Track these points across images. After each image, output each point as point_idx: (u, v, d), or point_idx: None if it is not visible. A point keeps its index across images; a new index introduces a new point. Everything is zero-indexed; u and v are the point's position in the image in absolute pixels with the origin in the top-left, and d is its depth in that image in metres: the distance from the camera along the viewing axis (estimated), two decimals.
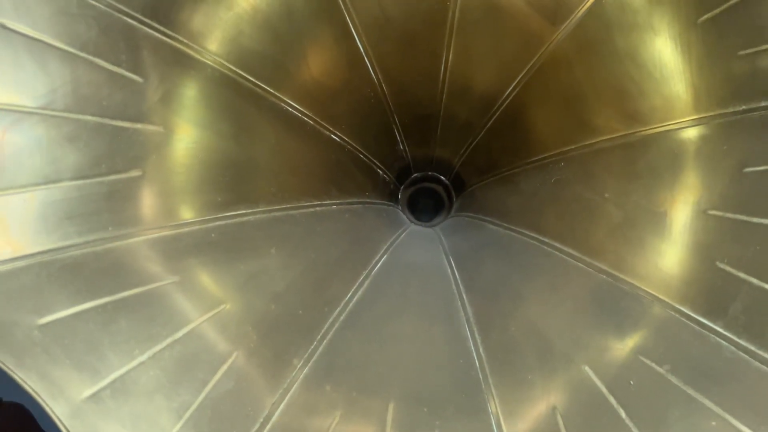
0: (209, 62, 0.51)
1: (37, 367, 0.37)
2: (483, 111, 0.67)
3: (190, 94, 0.49)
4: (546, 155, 0.61)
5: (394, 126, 0.71)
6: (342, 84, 0.62)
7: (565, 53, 0.56)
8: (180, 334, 0.43)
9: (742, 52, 0.44)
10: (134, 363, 0.40)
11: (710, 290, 0.43)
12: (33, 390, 0.36)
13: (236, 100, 0.53)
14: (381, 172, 0.76)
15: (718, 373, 0.40)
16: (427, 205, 0.84)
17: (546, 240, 0.56)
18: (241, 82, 0.53)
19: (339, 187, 0.66)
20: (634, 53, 0.50)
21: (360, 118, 0.67)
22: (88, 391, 0.38)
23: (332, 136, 0.64)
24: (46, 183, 0.42)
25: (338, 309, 0.53)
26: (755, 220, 0.42)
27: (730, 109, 0.45)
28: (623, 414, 0.41)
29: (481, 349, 0.50)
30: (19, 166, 0.41)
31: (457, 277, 0.59)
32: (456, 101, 0.69)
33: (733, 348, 0.40)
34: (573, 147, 0.58)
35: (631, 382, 0.42)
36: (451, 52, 0.63)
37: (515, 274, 0.56)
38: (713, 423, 0.38)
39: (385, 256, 0.63)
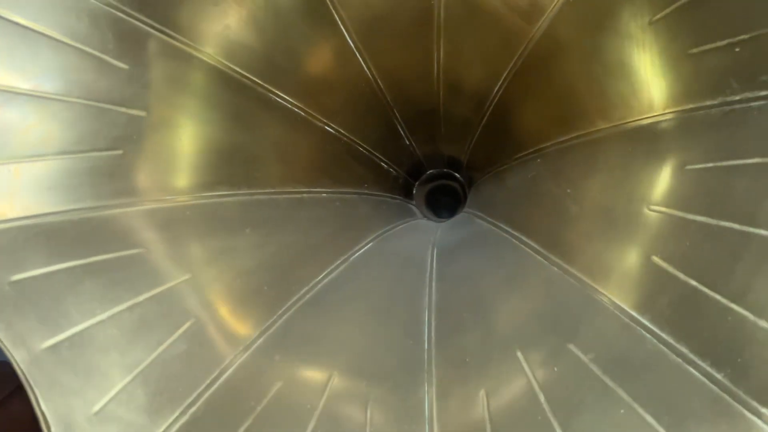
0: (195, 53, 0.55)
1: (4, 318, 0.42)
2: (477, 108, 0.69)
3: (174, 82, 0.53)
4: (527, 152, 0.63)
5: (395, 121, 0.74)
6: (335, 78, 0.65)
7: (542, 52, 0.57)
8: (141, 298, 0.47)
9: (691, 51, 0.45)
10: (94, 321, 0.44)
11: (643, 284, 0.44)
12: None
13: (221, 89, 0.56)
14: (385, 166, 0.79)
15: (637, 365, 0.41)
16: (447, 203, 0.86)
17: (516, 233, 0.57)
18: (227, 72, 0.57)
19: (331, 177, 0.69)
20: (599, 53, 0.51)
21: (357, 112, 0.70)
22: (48, 343, 0.42)
23: (326, 127, 0.67)
24: (31, 156, 0.47)
25: (305, 288, 0.56)
26: (690, 216, 0.42)
27: (679, 108, 0.46)
28: (542, 398, 0.42)
29: (432, 333, 0.52)
30: (6, 141, 0.46)
31: (434, 266, 0.61)
32: (453, 98, 0.71)
33: (655, 341, 0.41)
34: (548, 144, 0.59)
35: (555, 369, 0.43)
36: (442, 50, 0.65)
37: (482, 266, 0.58)
38: (622, 411, 0.39)
39: (370, 244, 0.66)
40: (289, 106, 0.63)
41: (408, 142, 0.80)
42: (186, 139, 0.54)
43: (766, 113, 0.41)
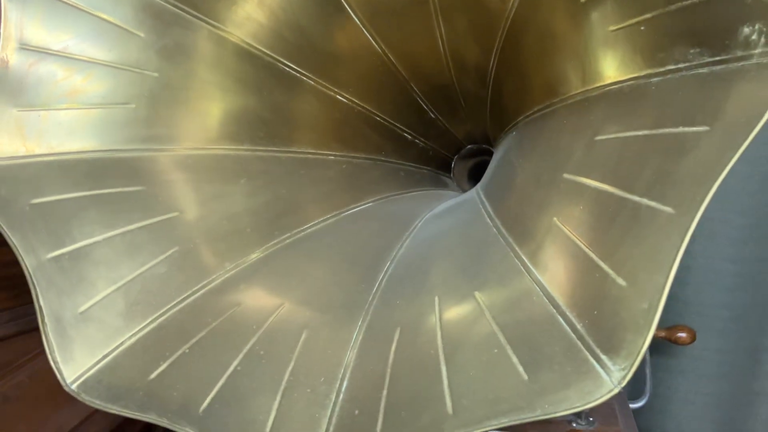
0: (205, 26, 0.64)
1: (22, 231, 0.53)
2: (482, 83, 0.73)
3: (184, 49, 0.63)
4: (509, 126, 0.67)
5: (414, 94, 0.80)
6: (344, 52, 0.72)
7: (515, 30, 0.61)
8: (133, 227, 0.57)
9: (611, 29, 0.48)
10: (91, 240, 0.55)
11: (546, 245, 0.48)
12: (15, 245, 0.52)
13: (229, 57, 0.65)
14: (410, 137, 0.85)
15: (520, 313, 0.46)
16: None
17: (485, 201, 0.62)
18: (237, 43, 0.66)
19: (342, 142, 0.76)
20: (550, 31, 0.55)
21: (371, 84, 0.77)
22: (52, 254, 0.53)
23: (337, 96, 0.74)
24: (57, 106, 0.58)
25: (287, 234, 0.64)
26: (586, 182, 0.46)
27: (600, 84, 0.49)
28: (439, 336, 0.47)
29: (384, 281, 0.58)
30: (38, 91, 0.57)
31: (416, 228, 0.67)
32: (462, 74, 0.76)
33: (542, 295, 0.45)
34: (520, 118, 0.63)
35: (458, 312, 0.49)
36: (443, 28, 0.70)
37: (448, 228, 0.63)
38: (495, 351, 0.44)
39: (368, 205, 0.73)
40: (297, 75, 0.70)
41: (434, 116, 0.85)
42: (193, 99, 0.64)
43: (662, 89, 0.44)
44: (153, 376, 0.50)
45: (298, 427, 0.47)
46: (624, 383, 0.38)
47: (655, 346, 1.06)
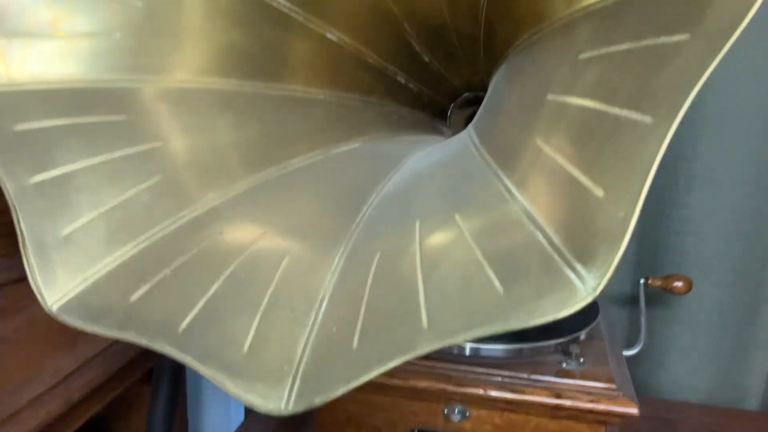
0: None
1: (5, 156, 0.53)
2: (475, 21, 0.72)
3: None
4: (503, 57, 0.66)
5: (408, 36, 0.79)
6: None
7: None
8: (116, 155, 0.56)
9: None
10: (74, 167, 0.55)
11: (526, 164, 0.47)
12: None
13: None
14: (403, 80, 0.84)
15: (499, 233, 0.45)
16: None
17: (473, 134, 0.62)
18: None
19: (332, 81, 0.75)
20: None
21: (363, 23, 0.76)
22: (35, 179, 0.53)
23: (327, 34, 0.73)
24: (40, 34, 0.57)
25: (273, 168, 0.63)
26: (568, 100, 0.45)
27: (584, 3, 0.48)
28: (418, 257, 0.47)
29: (368, 212, 0.58)
30: (21, 20, 0.57)
31: (404, 164, 0.67)
32: (457, 14, 0.74)
33: (522, 215, 0.45)
34: (510, 49, 0.62)
35: (437, 233, 0.48)
36: None
37: (435, 162, 0.62)
38: (473, 268, 0.44)
39: (356, 144, 0.73)
40: (287, 11, 0.69)
41: (428, 59, 0.84)
42: (179, 31, 0.63)
43: (644, 1, 0.43)
44: (133, 298, 0.50)
45: (277, 345, 0.47)
46: (598, 291, 0.38)
47: (653, 298, 1.05)
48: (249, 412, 1.16)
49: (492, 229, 0.46)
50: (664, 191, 1.01)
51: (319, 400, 0.43)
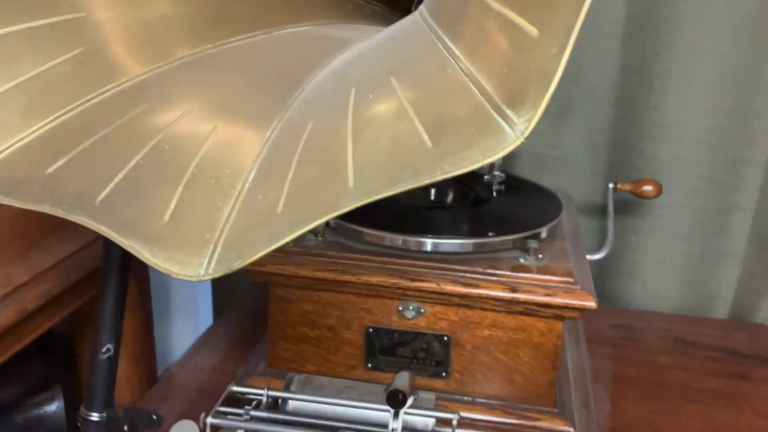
0: None
1: None
2: None
3: None
4: None
5: None
6: None
7: None
8: (35, 24, 0.52)
9: None
10: None
11: (464, 22, 0.44)
12: None
13: None
14: None
15: (433, 86, 0.42)
16: None
17: (421, 7, 0.58)
18: None
19: None
20: None
21: None
22: None
23: None
24: None
25: (209, 45, 0.59)
26: None
27: None
28: (349, 123, 0.44)
29: (308, 86, 0.55)
30: None
31: (350, 45, 0.63)
32: None
33: (456, 67, 0.42)
34: None
35: (370, 96, 0.45)
36: None
37: (381, 37, 0.58)
38: (401, 124, 0.41)
39: (305, 27, 0.68)
40: None
41: None
42: None
43: None
44: (50, 170, 0.47)
45: (199, 214, 0.45)
46: (527, 133, 0.35)
47: (623, 207, 1.03)
48: (217, 315, 1.15)
49: (426, 85, 0.43)
50: (637, 93, 0.98)
51: (238, 264, 0.41)
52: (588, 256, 0.83)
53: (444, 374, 0.72)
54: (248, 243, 0.42)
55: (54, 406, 1.00)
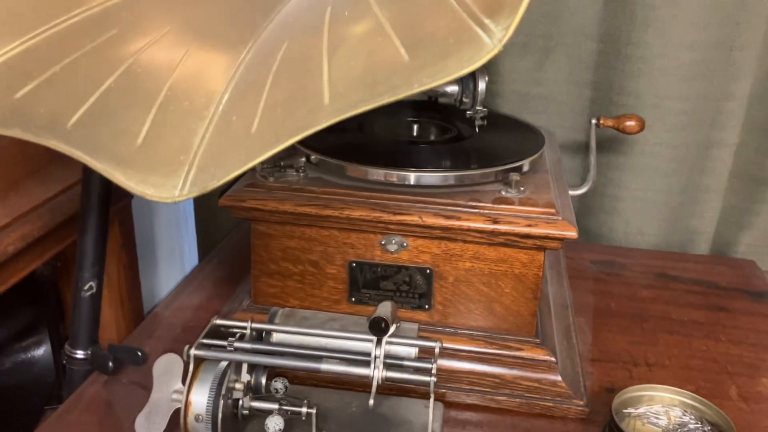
0: None
1: None
2: None
3: None
4: None
5: None
6: None
7: None
8: None
9: None
10: None
11: None
12: None
13: None
14: None
15: (413, 7, 0.41)
16: None
17: None
18: None
19: None
20: None
21: None
22: None
23: None
24: None
25: None
26: None
27: None
28: (325, 40, 0.43)
29: (283, 9, 0.53)
30: None
31: None
32: None
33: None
34: None
35: (346, 13, 0.44)
36: None
37: None
38: (379, 39, 0.40)
39: None
40: None
41: None
42: None
43: None
44: (19, 94, 0.46)
45: (173, 137, 0.44)
46: (504, 41, 0.35)
47: (607, 144, 1.03)
48: (203, 258, 1.15)
49: (403, 2, 0.42)
50: (620, 29, 0.97)
51: (213, 184, 0.40)
52: (570, 191, 0.83)
53: (427, 306, 0.73)
54: (223, 164, 0.41)
55: (41, 350, 1.01)
